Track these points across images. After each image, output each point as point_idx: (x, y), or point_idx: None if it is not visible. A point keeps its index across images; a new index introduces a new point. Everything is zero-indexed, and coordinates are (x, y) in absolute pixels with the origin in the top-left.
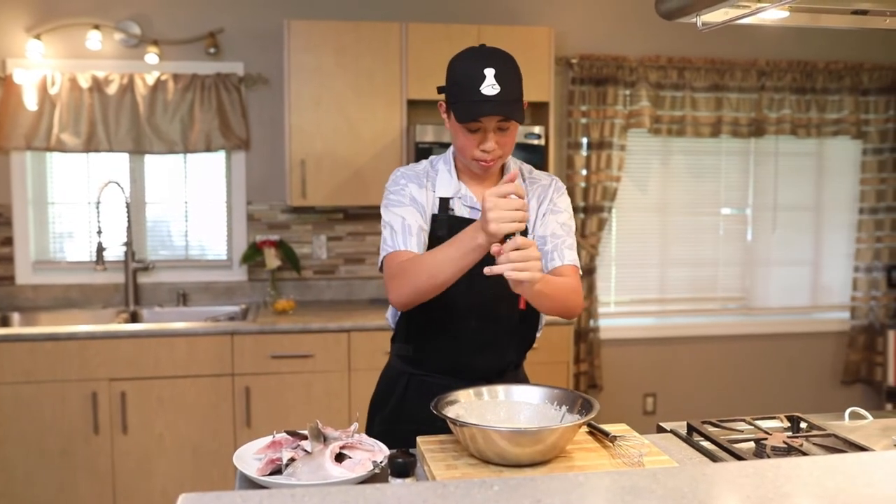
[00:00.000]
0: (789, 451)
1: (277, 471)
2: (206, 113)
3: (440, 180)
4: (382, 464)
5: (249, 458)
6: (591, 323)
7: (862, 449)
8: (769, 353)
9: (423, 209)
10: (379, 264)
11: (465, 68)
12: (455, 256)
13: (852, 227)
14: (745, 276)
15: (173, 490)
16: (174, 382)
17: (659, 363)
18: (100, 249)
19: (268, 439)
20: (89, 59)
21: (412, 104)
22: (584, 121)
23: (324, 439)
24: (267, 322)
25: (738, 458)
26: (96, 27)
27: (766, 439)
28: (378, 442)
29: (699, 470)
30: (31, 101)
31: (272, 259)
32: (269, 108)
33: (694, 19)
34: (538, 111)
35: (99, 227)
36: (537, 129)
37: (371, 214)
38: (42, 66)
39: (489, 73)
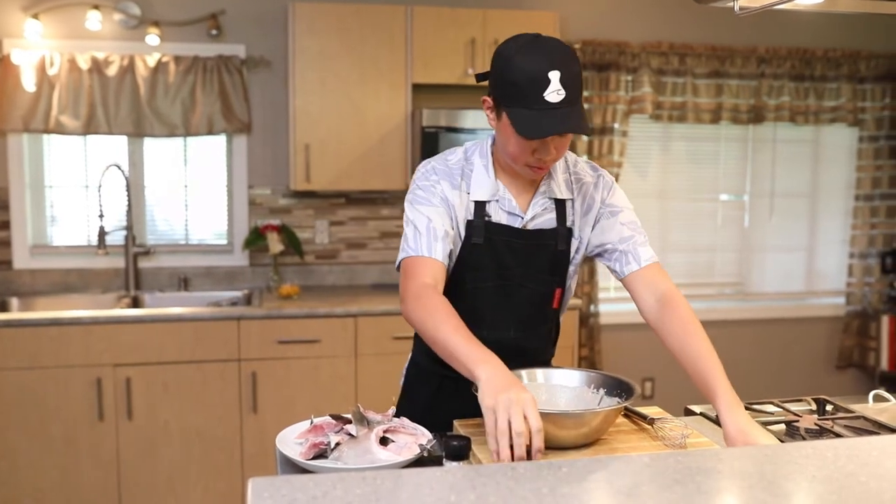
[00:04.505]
0: (821, 432)
1: (321, 455)
2: (207, 95)
3: (476, 179)
4: (429, 447)
5: (290, 442)
6: (592, 308)
7: (893, 431)
8: (764, 337)
9: (454, 211)
10: (397, 263)
11: (526, 68)
12: (450, 356)
13: (848, 213)
14: (742, 261)
15: (178, 477)
16: (180, 368)
17: (657, 348)
18: (101, 234)
19: (306, 423)
20: (89, 39)
21: (417, 88)
22: (586, 106)
23: (367, 423)
24: (272, 307)
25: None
26: (96, 7)
27: (797, 421)
28: (419, 426)
29: (760, 451)
30: (29, 83)
31: (275, 244)
32: (271, 92)
33: (731, 4)
34: None
35: (101, 211)
36: None
37: (374, 199)
38: (40, 46)
39: (554, 76)
